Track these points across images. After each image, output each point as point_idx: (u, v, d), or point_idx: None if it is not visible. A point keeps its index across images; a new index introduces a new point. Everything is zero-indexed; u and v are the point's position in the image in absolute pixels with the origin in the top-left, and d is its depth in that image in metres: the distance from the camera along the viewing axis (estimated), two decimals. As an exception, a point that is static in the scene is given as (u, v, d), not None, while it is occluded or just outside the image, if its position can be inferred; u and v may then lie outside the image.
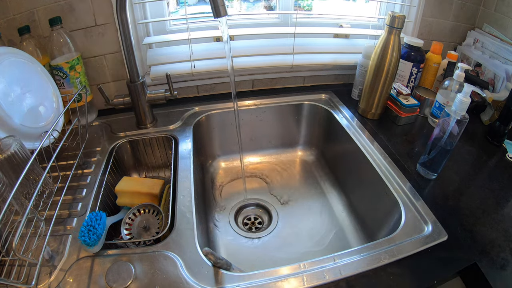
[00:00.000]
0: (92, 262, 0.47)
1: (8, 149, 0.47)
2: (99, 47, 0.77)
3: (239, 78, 0.91)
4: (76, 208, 0.56)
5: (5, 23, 0.67)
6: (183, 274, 0.45)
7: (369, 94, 0.80)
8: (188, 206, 0.57)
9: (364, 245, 0.50)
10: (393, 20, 0.69)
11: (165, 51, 0.86)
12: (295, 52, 0.87)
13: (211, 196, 0.83)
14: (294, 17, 0.90)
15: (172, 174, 0.64)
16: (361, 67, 0.86)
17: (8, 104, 0.53)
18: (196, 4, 1.17)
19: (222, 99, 0.87)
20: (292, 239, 0.72)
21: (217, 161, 0.92)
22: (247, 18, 0.97)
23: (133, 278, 0.44)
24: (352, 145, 0.76)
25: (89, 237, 0.46)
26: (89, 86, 0.77)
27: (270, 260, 0.67)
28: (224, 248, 0.70)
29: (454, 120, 0.58)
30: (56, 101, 0.66)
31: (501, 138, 0.75)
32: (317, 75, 0.97)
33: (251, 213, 0.80)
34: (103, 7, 0.72)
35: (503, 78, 0.83)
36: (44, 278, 0.44)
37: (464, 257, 0.49)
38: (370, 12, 1.08)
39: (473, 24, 0.99)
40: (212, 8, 0.53)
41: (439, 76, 0.89)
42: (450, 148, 0.60)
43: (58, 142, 0.58)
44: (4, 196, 0.45)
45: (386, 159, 0.68)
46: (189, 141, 0.73)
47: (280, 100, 0.90)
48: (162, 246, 0.50)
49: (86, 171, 0.64)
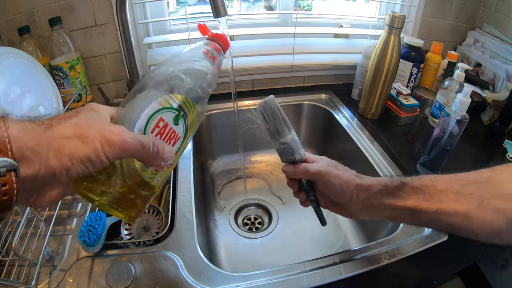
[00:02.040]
0: (92, 262, 0.47)
1: (8, 149, 0.47)
2: (99, 47, 0.77)
3: (239, 78, 0.91)
4: (76, 208, 0.56)
5: (5, 23, 0.67)
6: (183, 274, 0.45)
7: (369, 94, 0.80)
8: (188, 206, 0.57)
9: (364, 245, 0.50)
10: (393, 20, 0.69)
11: (165, 51, 0.86)
12: (295, 52, 0.87)
13: (211, 196, 0.83)
14: (294, 17, 0.90)
15: (172, 174, 0.63)
16: (361, 67, 0.86)
17: (8, 104, 0.53)
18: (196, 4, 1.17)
19: (222, 99, 0.87)
20: (292, 239, 0.72)
21: (217, 161, 0.92)
22: (247, 18, 0.97)
23: (133, 278, 0.44)
24: (352, 145, 0.75)
25: (89, 237, 0.46)
26: (89, 86, 0.77)
27: (270, 261, 0.67)
28: (224, 248, 0.70)
29: (454, 120, 0.58)
30: (56, 101, 0.66)
31: (501, 138, 0.75)
32: (317, 75, 0.97)
33: (251, 213, 0.80)
34: (103, 7, 0.72)
35: (503, 78, 0.83)
36: (44, 278, 0.44)
37: (464, 257, 0.49)
38: (370, 12, 1.08)
39: (473, 24, 0.99)
40: (212, 8, 0.53)
41: (439, 76, 0.89)
42: (450, 148, 0.60)
43: (58, 142, 0.58)
44: (4, 196, 0.45)
45: (386, 159, 0.68)
46: (189, 141, 0.73)
47: (280, 100, 0.89)
48: (162, 246, 0.49)
49: (86, 171, 0.64)
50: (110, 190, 0.26)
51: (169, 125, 0.27)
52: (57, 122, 0.23)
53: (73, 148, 0.22)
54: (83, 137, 0.23)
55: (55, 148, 0.22)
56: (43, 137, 0.22)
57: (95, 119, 0.25)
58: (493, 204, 0.33)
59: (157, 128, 0.27)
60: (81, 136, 0.23)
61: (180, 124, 0.29)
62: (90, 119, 0.24)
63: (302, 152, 0.45)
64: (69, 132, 0.23)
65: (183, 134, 0.29)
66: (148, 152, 0.25)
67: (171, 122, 0.28)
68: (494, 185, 0.35)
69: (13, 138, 0.20)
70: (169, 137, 0.27)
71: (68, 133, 0.23)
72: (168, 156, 0.27)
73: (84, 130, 0.23)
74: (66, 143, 0.22)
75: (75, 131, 0.23)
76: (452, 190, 0.36)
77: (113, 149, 0.23)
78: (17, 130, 0.21)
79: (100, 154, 0.23)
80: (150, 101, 0.27)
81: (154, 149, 0.26)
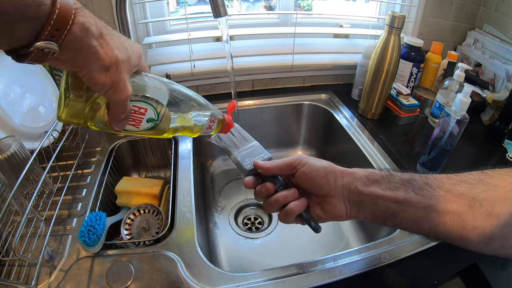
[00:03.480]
0: (92, 262, 0.47)
1: (8, 149, 0.47)
2: (99, 47, 0.77)
3: (239, 78, 0.91)
4: (76, 208, 0.56)
5: (5, 23, 0.67)
6: (183, 274, 0.45)
7: (369, 94, 0.80)
8: (188, 206, 0.57)
9: (364, 245, 0.50)
10: (393, 20, 0.69)
11: (165, 51, 0.86)
12: (295, 52, 0.87)
13: (211, 196, 0.83)
14: (294, 17, 0.90)
15: (172, 174, 0.63)
16: (361, 67, 0.86)
17: (8, 104, 0.53)
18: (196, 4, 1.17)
19: (222, 99, 0.87)
20: (292, 239, 0.72)
21: (217, 161, 0.92)
22: (247, 18, 0.97)
23: (133, 279, 0.44)
24: (352, 145, 0.75)
25: (89, 237, 0.46)
26: (89, 86, 0.77)
27: (270, 261, 0.67)
28: (224, 248, 0.70)
29: (454, 120, 0.58)
30: (56, 101, 0.66)
31: (501, 138, 0.75)
32: (317, 75, 0.97)
33: (251, 213, 0.80)
34: (103, 7, 0.72)
35: (503, 78, 0.83)
36: (44, 278, 0.44)
37: (464, 257, 0.49)
38: (370, 12, 1.08)
39: (473, 24, 0.99)
40: (212, 8, 0.53)
41: (439, 76, 0.89)
42: (450, 148, 0.60)
43: (58, 142, 0.58)
44: (4, 196, 0.45)
45: (386, 159, 0.68)
46: (189, 141, 0.73)
47: (280, 100, 0.90)
48: (162, 246, 0.49)
49: (86, 171, 0.64)
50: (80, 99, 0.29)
51: (142, 115, 0.32)
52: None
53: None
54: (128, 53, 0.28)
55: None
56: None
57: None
58: (486, 207, 0.31)
59: (136, 107, 0.31)
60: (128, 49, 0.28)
61: (149, 123, 0.33)
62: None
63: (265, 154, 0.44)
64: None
65: (147, 127, 0.33)
66: (118, 110, 0.29)
67: (146, 115, 0.32)
68: (486, 187, 0.33)
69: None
70: (134, 119, 0.32)
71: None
72: (117, 127, 0.31)
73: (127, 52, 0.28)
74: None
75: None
76: (443, 188, 0.34)
77: (120, 81, 0.27)
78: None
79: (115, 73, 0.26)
80: (155, 95, 0.32)
81: (121, 115, 0.29)
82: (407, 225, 0.36)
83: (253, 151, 0.44)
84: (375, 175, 0.37)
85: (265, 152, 0.44)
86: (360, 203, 0.38)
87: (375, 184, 0.37)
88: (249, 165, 0.42)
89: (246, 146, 0.45)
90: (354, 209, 0.38)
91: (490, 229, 0.31)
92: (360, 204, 0.38)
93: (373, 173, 0.38)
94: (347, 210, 0.38)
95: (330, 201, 0.38)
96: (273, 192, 0.39)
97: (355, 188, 0.37)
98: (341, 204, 0.38)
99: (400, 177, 0.36)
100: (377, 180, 0.37)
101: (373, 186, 0.37)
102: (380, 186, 0.36)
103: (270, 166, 0.40)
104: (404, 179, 0.36)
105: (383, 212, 0.36)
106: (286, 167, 0.39)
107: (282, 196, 0.38)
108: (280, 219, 0.40)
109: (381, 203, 0.36)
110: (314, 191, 0.39)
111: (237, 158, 0.43)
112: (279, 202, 0.39)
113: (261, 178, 0.41)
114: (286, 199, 0.38)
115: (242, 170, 0.43)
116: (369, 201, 0.37)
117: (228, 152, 0.45)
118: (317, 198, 0.39)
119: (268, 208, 0.40)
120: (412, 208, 0.34)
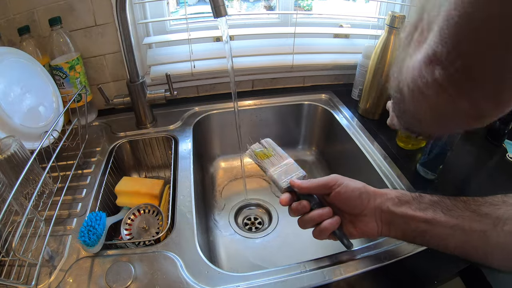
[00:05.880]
0: (92, 263, 0.47)
1: (8, 149, 0.47)
2: (99, 47, 0.77)
3: (239, 78, 0.91)
4: (76, 208, 0.56)
5: (5, 23, 0.67)
6: (183, 274, 0.45)
7: (369, 94, 0.80)
8: (188, 206, 0.57)
9: (364, 245, 0.50)
10: (393, 20, 0.69)
11: (165, 51, 0.86)
12: (295, 52, 0.87)
13: (211, 196, 0.83)
14: (294, 17, 0.90)
15: (172, 174, 0.63)
16: (361, 67, 0.86)
17: (8, 104, 0.53)
18: (196, 4, 1.17)
19: (222, 99, 0.87)
20: (292, 239, 0.72)
21: (217, 161, 0.92)
22: (247, 18, 0.97)
23: (133, 279, 0.44)
24: (352, 145, 0.75)
25: (89, 237, 0.46)
26: (89, 86, 0.77)
27: (270, 260, 0.67)
28: (224, 248, 0.70)
29: (454, 120, 0.57)
30: (56, 101, 0.66)
31: (501, 138, 0.75)
32: (317, 75, 0.97)
33: (251, 213, 0.80)
34: (103, 7, 0.72)
35: (503, 78, 0.83)
36: (44, 279, 0.44)
37: (464, 257, 0.49)
38: (370, 12, 1.08)
39: (473, 24, 0.99)
40: (212, 8, 0.53)
41: (439, 76, 0.89)
42: (450, 148, 0.60)
43: (58, 142, 0.58)
44: (4, 196, 0.45)
45: (386, 159, 0.68)
46: (189, 141, 0.73)
47: (280, 100, 0.90)
48: (162, 246, 0.49)
49: (86, 171, 0.64)
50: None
51: None
52: None
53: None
54: None
55: None
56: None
57: None
58: (510, 226, 0.33)
59: None
60: None
61: None
62: None
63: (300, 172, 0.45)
64: None
65: None
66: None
67: None
68: (510, 207, 0.35)
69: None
70: None
71: None
72: None
73: None
74: None
75: None
76: (469, 209, 0.36)
77: None
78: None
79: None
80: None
81: None
82: (434, 243, 0.38)
83: (288, 169, 0.45)
84: (406, 196, 0.40)
85: (300, 170, 0.45)
86: (392, 222, 0.40)
87: (406, 205, 0.39)
88: (285, 183, 0.43)
89: (282, 163, 0.46)
90: (385, 227, 0.41)
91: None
92: (391, 223, 0.40)
93: (404, 194, 0.40)
94: (378, 229, 0.41)
95: (363, 220, 0.41)
96: (308, 210, 0.42)
97: (387, 209, 0.40)
98: (373, 223, 0.41)
99: (430, 198, 0.39)
100: (408, 201, 0.39)
101: (404, 206, 0.39)
102: (410, 206, 0.39)
103: (307, 185, 0.42)
104: (434, 200, 0.39)
105: (413, 231, 0.39)
106: (322, 187, 0.41)
107: (317, 215, 0.41)
108: (314, 236, 0.42)
109: (411, 223, 0.38)
110: (348, 210, 0.41)
111: (273, 176, 0.44)
112: (314, 220, 0.41)
113: (296, 195, 0.43)
114: (321, 217, 0.41)
115: (278, 187, 0.44)
116: (400, 221, 0.39)
117: (264, 169, 0.46)
118: (350, 216, 0.42)
119: (302, 225, 0.43)
120: (440, 227, 0.37)
